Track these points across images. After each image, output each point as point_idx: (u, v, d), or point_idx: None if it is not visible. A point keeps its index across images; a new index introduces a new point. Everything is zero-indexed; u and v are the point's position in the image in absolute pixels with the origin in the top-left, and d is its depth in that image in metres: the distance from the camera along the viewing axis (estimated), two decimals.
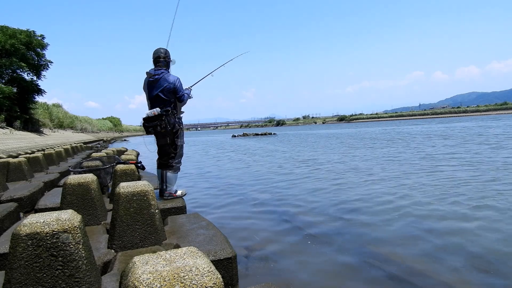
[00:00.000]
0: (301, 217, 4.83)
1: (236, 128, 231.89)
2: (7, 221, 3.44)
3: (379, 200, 5.49)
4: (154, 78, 4.00)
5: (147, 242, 2.64)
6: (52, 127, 34.67)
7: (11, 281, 1.65)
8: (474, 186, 6.00)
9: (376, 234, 3.94)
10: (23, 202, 4.44)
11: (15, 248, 1.66)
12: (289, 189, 6.98)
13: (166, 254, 1.26)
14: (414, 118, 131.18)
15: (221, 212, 5.42)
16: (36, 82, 25.55)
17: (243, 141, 31.45)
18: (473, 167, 8.12)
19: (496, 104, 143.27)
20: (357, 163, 10.32)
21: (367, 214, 4.77)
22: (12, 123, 22.30)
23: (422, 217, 4.44)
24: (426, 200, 5.26)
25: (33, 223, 1.71)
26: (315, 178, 8.02)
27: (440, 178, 7.06)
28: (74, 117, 50.68)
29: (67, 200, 3.19)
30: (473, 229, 3.89)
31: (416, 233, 3.89)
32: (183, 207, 3.87)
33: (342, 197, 5.87)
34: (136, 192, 2.63)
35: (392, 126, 51.13)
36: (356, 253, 3.42)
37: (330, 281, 2.87)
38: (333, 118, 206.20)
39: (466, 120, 59.88)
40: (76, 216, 1.85)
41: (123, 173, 4.53)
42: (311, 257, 3.35)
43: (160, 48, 4.11)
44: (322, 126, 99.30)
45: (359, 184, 6.99)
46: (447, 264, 3.05)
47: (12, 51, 22.47)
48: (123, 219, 2.58)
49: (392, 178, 7.35)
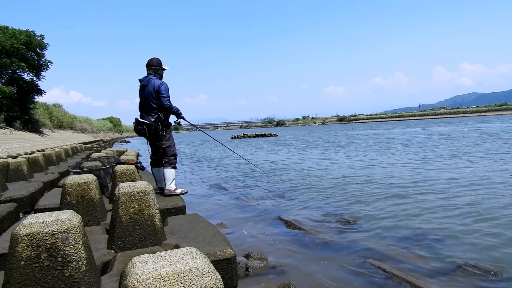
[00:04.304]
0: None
1: (235, 128, 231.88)
2: (7, 222, 3.43)
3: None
4: (142, 83, 4.27)
5: (146, 242, 2.64)
6: (51, 127, 34.64)
7: (11, 281, 1.65)
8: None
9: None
10: (22, 202, 4.43)
11: (15, 249, 1.66)
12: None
13: (166, 255, 1.25)
14: (414, 119, 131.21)
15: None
16: (36, 82, 25.52)
17: (243, 144, 31.30)
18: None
19: (496, 105, 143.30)
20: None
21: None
22: (12, 123, 22.28)
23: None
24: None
25: (32, 223, 1.70)
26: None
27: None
28: (73, 117, 50.61)
29: (66, 201, 3.18)
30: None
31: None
32: (183, 208, 3.87)
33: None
34: (136, 192, 2.63)
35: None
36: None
37: None
38: (333, 119, 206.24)
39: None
40: (76, 216, 1.85)
41: (122, 173, 4.53)
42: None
43: (153, 58, 4.38)
44: (324, 127, 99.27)
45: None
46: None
47: (12, 51, 22.44)
48: (122, 220, 2.58)
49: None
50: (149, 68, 4.31)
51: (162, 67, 4.40)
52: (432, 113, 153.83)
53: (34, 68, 24.88)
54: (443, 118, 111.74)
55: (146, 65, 4.35)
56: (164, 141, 4.31)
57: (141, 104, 4.29)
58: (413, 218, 4.47)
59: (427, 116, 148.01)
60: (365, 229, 4.17)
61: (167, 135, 4.35)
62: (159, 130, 4.20)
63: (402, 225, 4.24)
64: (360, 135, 30.72)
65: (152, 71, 4.30)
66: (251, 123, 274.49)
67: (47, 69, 26.12)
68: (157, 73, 4.32)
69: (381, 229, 4.14)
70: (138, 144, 36.53)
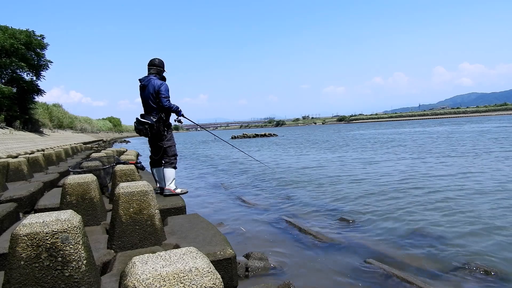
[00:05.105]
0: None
1: (235, 128, 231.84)
2: (7, 221, 3.43)
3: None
4: (143, 84, 4.26)
5: (146, 242, 2.64)
6: (51, 127, 34.62)
7: (11, 281, 1.65)
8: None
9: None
10: (22, 202, 4.43)
11: (15, 248, 1.66)
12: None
13: (166, 255, 1.25)
14: (413, 119, 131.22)
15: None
16: (36, 82, 25.51)
17: (243, 144, 31.31)
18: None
19: (496, 104, 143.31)
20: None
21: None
22: (12, 123, 22.27)
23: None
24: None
25: (32, 223, 1.70)
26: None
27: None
28: (73, 117, 50.57)
29: (66, 200, 3.18)
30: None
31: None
32: (183, 208, 3.87)
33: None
34: (136, 192, 2.63)
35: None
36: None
37: None
38: (333, 119, 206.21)
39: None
40: (76, 216, 1.85)
41: (122, 173, 4.53)
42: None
43: (155, 58, 4.36)
44: (324, 127, 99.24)
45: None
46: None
47: (12, 51, 22.43)
48: (122, 220, 2.58)
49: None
50: (151, 68, 4.28)
51: (164, 69, 4.39)
52: (432, 113, 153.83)
53: (34, 68, 24.86)
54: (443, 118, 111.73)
55: (148, 64, 4.32)
56: (165, 141, 4.32)
57: (144, 105, 4.30)
58: (413, 218, 4.47)
59: (427, 116, 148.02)
60: (365, 229, 4.17)
61: (168, 135, 4.35)
62: (161, 130, 4.21)
63: (402, 224, 4.25)
64: (361, 135, 30.74)
65: (154, 71, 4.28)
66: (251, 123, 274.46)
67: (47, 69, 26.11)
68: (159, 74, 4.32)
69: (381, 229, 4.14)
70: (138, 144, 36.53)
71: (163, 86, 4.15)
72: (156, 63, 4.30)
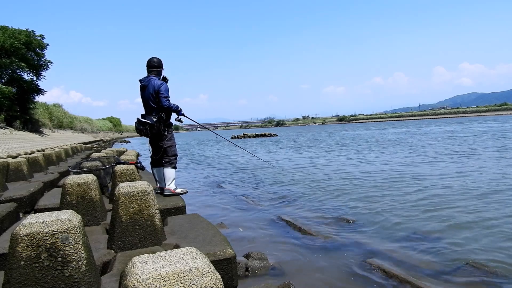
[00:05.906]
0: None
1: (235, 128, 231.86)
2: (7, 221, 3.43)
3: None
4: (143, 84, 4.27)
5: (146, 242, 2.64)
6: (51, 127, 34.62)
7: (11, 281, 1.65)
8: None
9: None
10: (22, 202, 4.43)
11: (15, 248, 1.66)
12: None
13: (166, 255, 1.25)
14: (414, 119, 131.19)
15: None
16: (36, 82, 25.51)
17: (243, 144, 31.30)
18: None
19: (496, 104, 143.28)
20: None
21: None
22: (12, 123, 22.27)
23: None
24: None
25: (32, 223, 1.70)
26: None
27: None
28: (73, 117, 50.57)
29: (66, 201, 3.18)
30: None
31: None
32: (183, 208, 3.87)
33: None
34: (136, 192, 2.63)
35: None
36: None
37: None
38: (333, 119, 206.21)
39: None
40: (76, 216, 1.85)
41: (122, 173, 4.53)
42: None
43: (153, 57, 4.34)
44: (324, 127, 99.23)
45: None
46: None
47: (12, 51, 22.43)
48: (122, 220, 2.58)
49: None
50: (152, 70, 4.29)
51: (163, 67, 4.39)
52: (432, 113, 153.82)
53: (34, 68, 24.87)
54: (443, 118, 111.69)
55: (147, 66, 4.32)
56: (166, 141, 4.33)
57: (144, 106, 4.31)
58: (412, 218, 4.47)
59: (427, 116, 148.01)
60: (365, 229, 4.17)
61: (169, 135, 4.36)
62: (162, 130, 4.22)
63: (401, 224, 4.24)
64: (361, 135, 30.74)
65: (155, 73, 4.29)
66: (251, 123, 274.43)
67: (47, 69, 26.11)
68: (159, 74, 4.32)
69: (381, 229, 4.14)
70: (138, 144, 36.53)
71: (163, 86, 4.17)
72: (155, 64, 4.30)
